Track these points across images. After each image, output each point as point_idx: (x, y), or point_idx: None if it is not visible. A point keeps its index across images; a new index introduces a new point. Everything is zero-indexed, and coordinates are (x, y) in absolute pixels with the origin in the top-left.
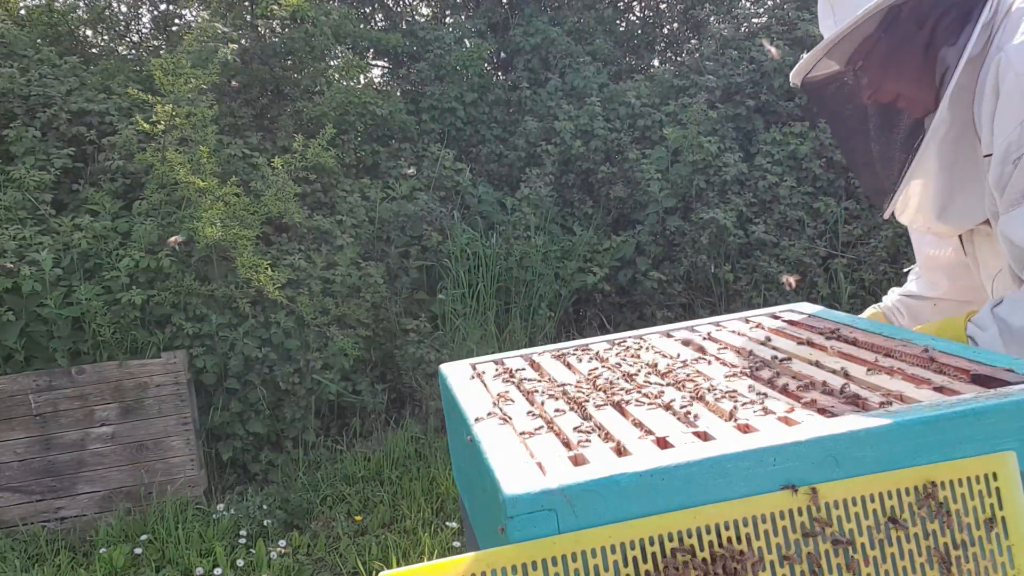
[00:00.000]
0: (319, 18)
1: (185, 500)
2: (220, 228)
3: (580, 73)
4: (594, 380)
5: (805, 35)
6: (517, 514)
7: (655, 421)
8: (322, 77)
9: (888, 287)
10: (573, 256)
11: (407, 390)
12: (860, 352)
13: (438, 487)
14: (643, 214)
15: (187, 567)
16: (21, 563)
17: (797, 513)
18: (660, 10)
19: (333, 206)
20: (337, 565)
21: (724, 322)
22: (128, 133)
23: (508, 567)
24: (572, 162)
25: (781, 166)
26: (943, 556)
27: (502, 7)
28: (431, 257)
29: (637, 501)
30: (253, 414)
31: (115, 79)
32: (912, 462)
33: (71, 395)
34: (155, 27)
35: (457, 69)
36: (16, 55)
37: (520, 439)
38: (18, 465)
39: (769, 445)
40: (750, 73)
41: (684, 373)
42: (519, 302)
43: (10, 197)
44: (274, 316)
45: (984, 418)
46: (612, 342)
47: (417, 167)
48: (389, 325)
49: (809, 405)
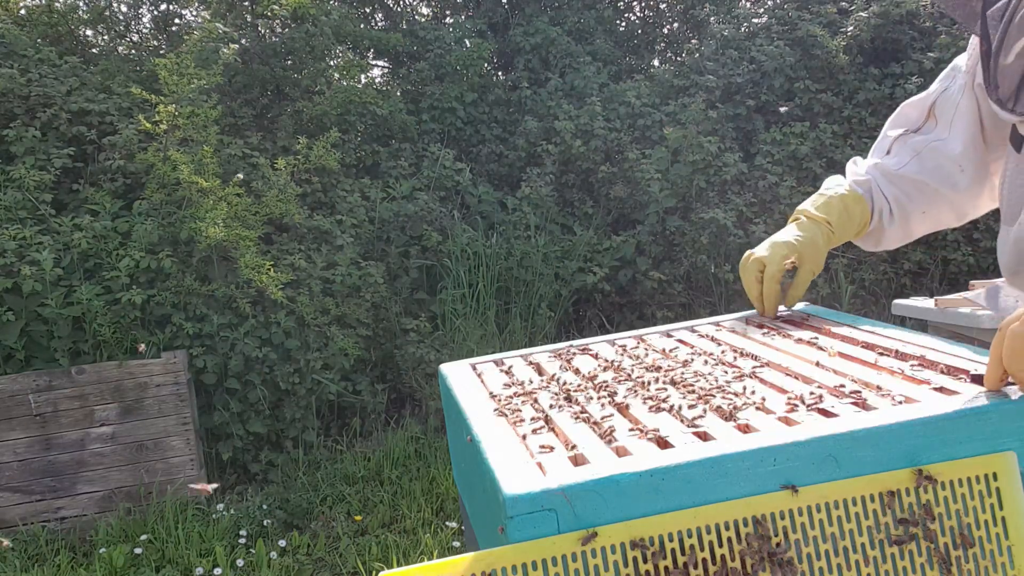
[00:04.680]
0: (319, 18)
1: (185, 500)
2: (222, 228)
3: (580, 73)
4: (594, 380)
5: (805, 35)
6: (517, 514)
7: (655, 421)
8: (322, 77)
9: (888, 287)
10: (573, 256)
11: (407, 390)
12: (860, 352)
13: (438, 487)
14: (643, 214)
15: (187, 567)
16: (21, 563)
17: (797, 513)
18: (660, 10)
19: (333, 206)
20: (337, 565)
21: (724, 322)
22: (129, 133)
23: (508, 567)
24: (572, 162)
25: (781, 166)
26: (943, 556)
27: (502, 7)
28: (431, 257)
29: (637, 501)
30: (253, 414)
31: (115, 79)
32: (912, 462)
33: (71, 395)
34: (155, 27)
35: (457, 69)
36: (16, 55)
37: (520, 439)
38: (18, 465)
39: (769, 445)
40: (750, 73)
41: (684, 373)
42: (519, 302)
43: (10, 197)
44: (274, 316)
45: (984, 418)
46: (612, 342)
47: (417, 167)
48: (389, 325)
49: (809, 405)
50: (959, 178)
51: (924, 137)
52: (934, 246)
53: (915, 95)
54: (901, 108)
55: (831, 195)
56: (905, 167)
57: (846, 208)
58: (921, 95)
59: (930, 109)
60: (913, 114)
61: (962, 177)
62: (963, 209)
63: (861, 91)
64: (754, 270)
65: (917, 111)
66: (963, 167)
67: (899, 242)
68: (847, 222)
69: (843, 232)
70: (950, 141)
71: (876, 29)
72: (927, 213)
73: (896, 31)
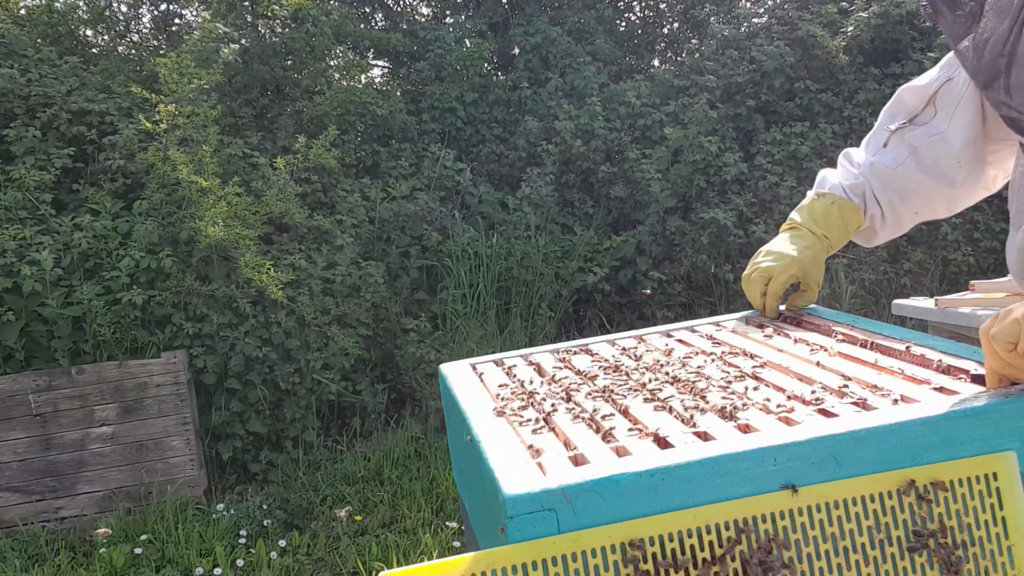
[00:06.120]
0: (319, 18)
1: (185, 500)
2: (222, 228)
3: (580, 73)
4: (594, 380)
5: (805, 35)
6: (517, 514)
7: (655, 421)
8: (322, 77)
9: (888, 287)
10: (573, 256)
11: (407, 390)
12: (860, 352)
13: (438, 487)
14: (643, 214)
15: (187, 567)
16: (21, 563)
17: (797, 513)
18: (660, 10)
19: (333, 206)
20: (337, 565)
21: (724, 322)
22: (129, 133)
23: (508, 567)
24: (572, 162)
25: (781, 166)
26: (943, 556)
27: (502, 7)
28: (431, 257)
29: (637, 501)
30: (253, 414)
31: (115, 79)
32: (912, 462)
33: (71, 395)
34: (155, 27)
35: (457, 69)
36: (16, 55)
37: (520, 439)
38: (18, 465)
39: (769, 445)
40: (750, 73)
41: (684, 373)
42: (519, 302)
43: (10, 197)
44: (274, 316)
45: (984, 418)
46: (612, 342)
47: (417, 167)
48: (389, 325)
49: (809, 405)
50: (956, 174)
51: (922, 130)
52: (934, 246)
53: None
54: (899, 94)
55: (828, 205)
56: (901, 165)
57: (844, 221)
58: (920, 81)
59: (931, 98)
60: (912, 101)
61: (959, 173)
62: (957, 203)
63: (861, 91)
64: (759, 285)
65: (916, 98)
66: (961, 163)
67: (888, 239)
68: (843, 235)
69: (838, 243)
70: (949, 135)
71: (876, 29)
72: (920, 213)
73: (896, 31)
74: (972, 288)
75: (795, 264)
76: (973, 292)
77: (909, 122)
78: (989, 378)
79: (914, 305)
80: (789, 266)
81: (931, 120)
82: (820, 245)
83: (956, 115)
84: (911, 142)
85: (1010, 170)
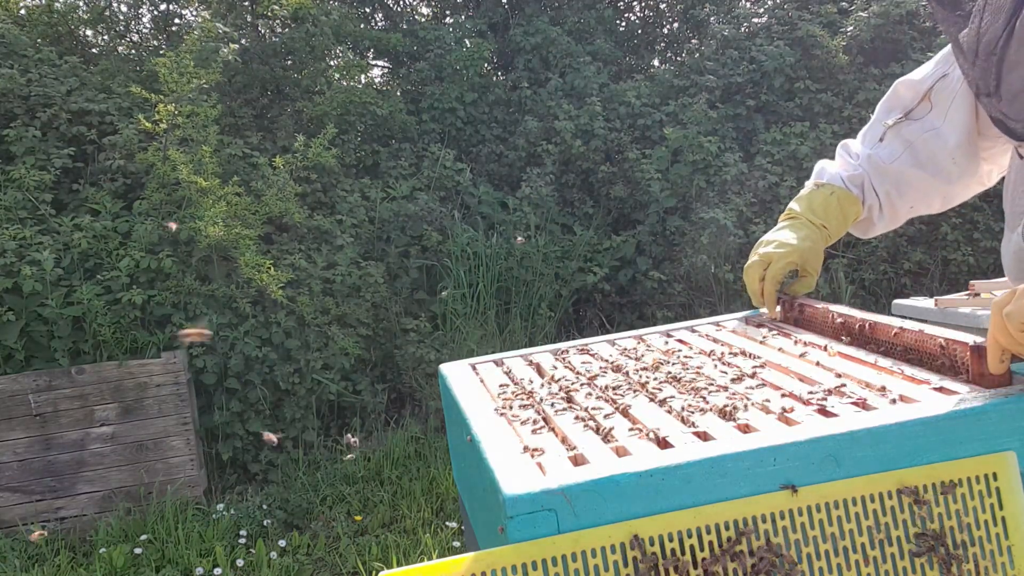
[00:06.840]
0: (319, 18)
1: (185, 500)
2: (222, 227)
3: (580, 73)
4: (593, 380)
5: (805, 35)
6: (517, 514)
7: (655, 421)
8: (322, 77)
9: (888, 287)
10: (573, 256)
11: (407, 390)
12: (859, 352)
13: (438, 487)
14: (643, 214)
15: (187, 567)
16: (21, 563)
17: (797, 513)
18: (660, 10)
19: (333, 206)
20: (337, 565)
21: (724, 322)
22: (129, 133)
23: (508, 567)
24: (572, 162)
25: (781, 166)
26: (943, 556)
27: (502, 7)
28: (431, 257)
29: (637, 501)
30: (253, 414)
31: (115, 79)
32: (912, 462)
33: (71, 395)
34: (155, 27)
35: (457, 69)
36: (16, 55)
37: (520, 439)
38: (18, 465)
39: (769, 445)
40: (750, 73)
41: (684, 373)
42: (519, 302)
43: (10, 197)
44: (274, 316)
45: (984, 418)
46: (612, 342)
47: (417, 167)
48: (389, 325)
49: (809, 405)
50: (951, 169)
51: (918, 125)
52: (934, 246)
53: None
54: (895, 87)
55: (827, 196)
56: (898, 160)
57: (842, 211)
58: (916, 76)
59: (926, 93)
60: (908, 95)
61: (954, 168)
62: (952, 198)
63: (861, 91)
64: (758, 270)
65: (912, 92)
66: (956, 159)
67: (884, 231)
68: (842, 225)
69: (837, 234)
70: (944, 131)
71: (876, 29)
72: (915, 207)
73: (896, 31)
74: (972, 288)
75: (795, 252)
76: (973, 292)
77: (905, 117)
78: (991, 350)
79: (914, 305)
80: (789, 253)
81: (927, 116)
82: (819, 235)
83: (951, 112)
84: (907, 137)
85: (1004, 165)
